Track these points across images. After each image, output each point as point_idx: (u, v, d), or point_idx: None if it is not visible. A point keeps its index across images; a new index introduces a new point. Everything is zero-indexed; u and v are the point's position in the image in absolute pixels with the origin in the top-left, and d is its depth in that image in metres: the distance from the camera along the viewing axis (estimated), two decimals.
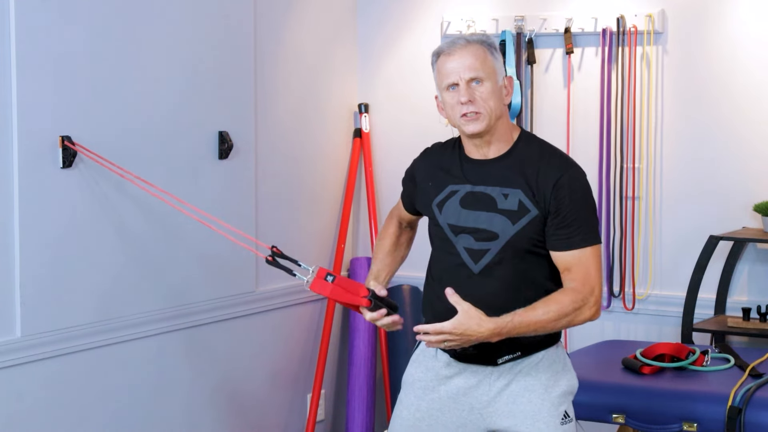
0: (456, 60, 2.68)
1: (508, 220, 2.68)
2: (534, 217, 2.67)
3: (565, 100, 4.31)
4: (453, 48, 2.69)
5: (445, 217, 2.76)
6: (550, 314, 2.61)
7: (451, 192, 2.76)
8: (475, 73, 2.67)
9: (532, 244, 2.69)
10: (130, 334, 3.72)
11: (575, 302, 2.63)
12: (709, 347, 3.69)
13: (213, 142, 4.00)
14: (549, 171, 2.68)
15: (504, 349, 2.70)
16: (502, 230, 2.68)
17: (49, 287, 3.45)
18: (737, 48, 4.04)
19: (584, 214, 2.68)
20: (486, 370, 2.73)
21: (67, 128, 3.46)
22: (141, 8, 3.69)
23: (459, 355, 2.75)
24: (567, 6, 4.30)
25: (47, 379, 3.48)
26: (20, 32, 3.32)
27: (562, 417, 2.72)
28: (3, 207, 3.33)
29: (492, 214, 2.69)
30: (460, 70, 2.67)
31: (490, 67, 2.68)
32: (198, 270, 3.96)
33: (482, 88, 2.67)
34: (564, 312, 2.62)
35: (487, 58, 2.68)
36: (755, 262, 4.07)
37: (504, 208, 2.69)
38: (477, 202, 2.72)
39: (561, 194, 2.66)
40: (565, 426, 2.72)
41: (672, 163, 4.18)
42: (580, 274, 2.65)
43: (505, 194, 2.69)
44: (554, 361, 2.76)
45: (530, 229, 2.67)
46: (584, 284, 2.65)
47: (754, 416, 3.15)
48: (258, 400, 4.29)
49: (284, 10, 4.33)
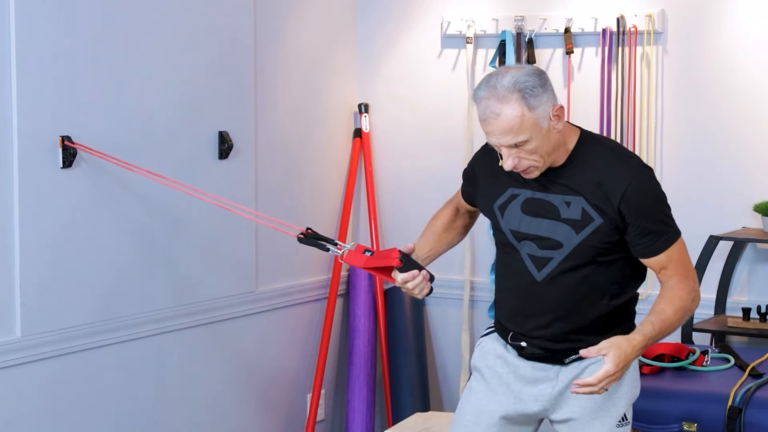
0: (492, 128, 2.56)
1: (571, 229, 2.63)
2: (599, 226, 2.62)
3: (565, 100, 4.31)
4: (486, 115, 2.55)
5: (507, 222, 2.71)
6: (678, 312, 2.62)
7: (512, 196, 2.71)
8: (513, 140, 2.55)
9: (597, 252, 2.65)
10: (129, 334, 3.72)
11: (690, 294, 2.65)
12: (709, 347, 3.68)
13: (213, 142, 4.00)
14: (615, 182, 2.61)
15: (571, 349, 2.69)
16: (565, 239, 2.64)
17: (49, 287, 3.45)
18: (737, 48, 4.04)
19: (660, 216, 2.65)
20: (555, 367, 2.72)
21: (67, 128, 3.46)
22: (141, 8, 3.69)
23: (527, 355, 2.73)
24: (567, 6, 4.30)
25: (47, 379, 3.48)
26: (20, 32, 3.32)
27: (620, 419, 2.71)
28: (3, 207, 3.33)
29: (555, 222, 2.65)
30: (498, 138, 2.56)
31: (529, 125, 2.53)
32: (199, 270, 3.96)
33: (527, 146, 2.56)
34: (686, 307, 2.64)
35: (525, 117, 2.52)
36: (755, 262, 4.07)
37: (567, 216, 2.64)
38: (539, 209, 2.67)
39: (632, 205, 2.61)
40: (621, 429, 2.71)
41: (672, 163, 4.18)
42: (678, 269, 2.66)
43: (567, 202, 2.64)
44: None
45: (595, 238, 2.63)
46: (686, 276, 2.66)
47: (754, 416, 3.15)
48: (258, 400, 4.29)
49: (284, 10, 4.33)
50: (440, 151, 4.57)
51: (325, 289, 4.56)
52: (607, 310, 2.70)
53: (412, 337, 4.58)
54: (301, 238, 2.83)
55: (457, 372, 4.61)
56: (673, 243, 2.66)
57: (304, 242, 2.83)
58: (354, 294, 4.58)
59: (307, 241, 2.82)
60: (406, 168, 4.66)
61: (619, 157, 2.67)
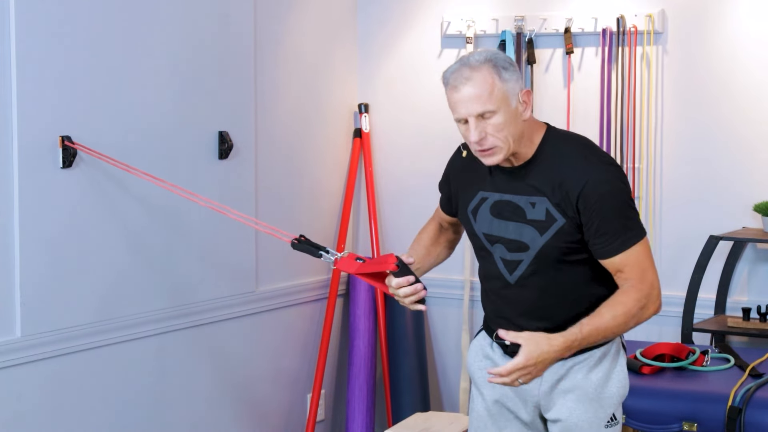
0: (463, 95, 2.53)
1: (536, 231, 2.61)
2: (561, 227, 2.58)
3: (565, 100, 4.31)
4: (457, 80, 2.54)
5: (479, 226, 2.70)
6: (617, 318, 2.55)
7: (482, 199, 2.70)
8: (482, 108, 2.52)
9: (562, 252, 2.61)
10: (130, 334, 3.72)
11: (639, 301, 2.56)
12: (709, 347, 3.69)
13: (213, 142, 4.00)
14: (572, 180, 2.56)
15: None
16: (531, 241, 2.61)
17: (49, 287, 3.45)
18: (737, 48, 4.04)
19: (618, 216, 2.57)
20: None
21: (67, 128, 3.46)
22: (140, 8, 3.69)
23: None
24: (567, 6, 4.30)
25: (47, 379, 3.48)
26: (20, 32, 3.32)
27: (609, 419, 2.68)
28: (3, 207, 3.33)
29: (521, 225, 2.63)
30: (467, 104, 2.52)
31: (499, 95, 2.52)
32: (198, 270, 3.96)
33: (494, 119, 2.53)
34: (631, 313, 2.56)
35: (495, 85, 2.52)
36: (755, 262, 4.07)
37: (532, 218, 2.61)
38: (506, 212, 2.65)
39: (589, 202, 2.55)
40: (610, 429, 2.68)
41: (672, 163, 4.18)
42: (634, 273, 2.57)
43: (532, 203, 2.61)
44: (608, 359, 2.70)
45: (559, 239, 2.59)
46: (642, 281, 2.57)
47: (754, 416, 3.16)
48: (258, 400, 4.30)
49: (284, 10, 4.33)
50: (440, 151, 4.53)
51: (325, 289, 4.56)
52: (583, 308, 2.63)
53: (412, 337, 4.58)
54: (294, 244, 2.82)
55: (457, 372, 4.61)
56: (631, 246, 2.57)
57: (298, 248, 2.83)
58: (354, 294, 4.58)
59: (300, 247, 2.82)
60: (406, 168, 4.66)
61: (583, 155, 2.61)
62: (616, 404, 2.70)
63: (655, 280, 2.59)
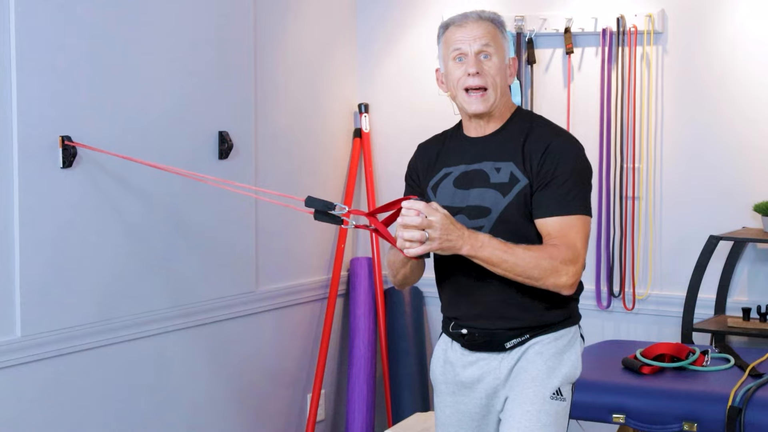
0: (467, 31, 2.67)
1: (499, 193, 2.64)
2: (524, 187, 2.62)
3: (565, 100, 4.32)
4: (465, 20, 2.68)
5: (440, 200, 2.70)
6: (531, 255, 2.53)
7: (445, 174, 2.73)
8: (485, 46, 2.66)
9: (522, 215, 2.62)
10: (130, 334, 3.72)
11: (554, 258, 2.54)
12: (709, 347, 3.69)
13: (213, 142, 4.00)
14: (539, 139, 2.64)
15: (511, 333, 2.68)
16: (493, 204, 2.64)
17: (49, 287, 3.45)
18: (737, 48, 4.05)
19: (569, 181, 2.60)
20: (497, 357, 2.71)
21: (67, 128, 3.46)
22: (140, 8, 3.70)
23: (470, 345, 2.73)
24: (567, 6, 4.30)
25: (47, 379, 3.48)
26: (20, 32, 3.33)
27: (554, 393, 2.67)
28: (3, 207, 3.33)
29: (484, 190, 2.66)
30: (470, 41, 2.66)
31: (499, 43, 2.68)
32: (199, 270, 3.97)
33: (490, 62, 2.66)
34: (541, 263, 2.53)
35: (497, 35, 2.68)
36: (755, 262, 4.07)
37: (496, 181, 2.64)
38: (470, 181, 2.68)
39: (549, 160, 2.60)
40: (555, 402, 2.66)
41: (672, 163, 4.19)
42: (563, 241, 2.57)
43: (497, 168, 2.66)
44: (563, 341, 2.71)
45: (520, 200, 2.61)
46: (568, 248, 2.56)
47: (754, 416, 3.16)
48: (258, 400, 4.30)
49: (284, 10, 4.33)
50: None
51: (325, 289, 4.56)
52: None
53: (412, 337, 4.58)
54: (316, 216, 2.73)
55: None
56: (568, 216, 2.58)
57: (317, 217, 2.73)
58: (354, 294, 4.58)
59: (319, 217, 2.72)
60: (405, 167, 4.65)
61: (547, 124, 2.72)
62: (563, 381, 2.69)
63: (581, 257, 2.58)
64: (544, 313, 2.69)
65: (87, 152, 3.51)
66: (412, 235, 2.47)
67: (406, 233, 2.48)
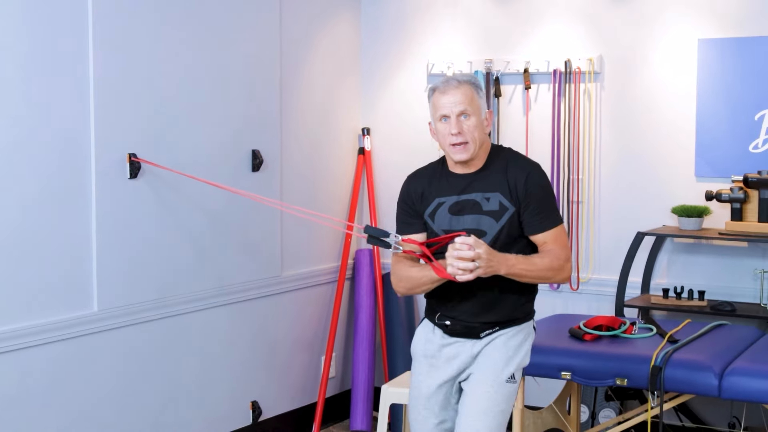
0: (449, 97, 2.62)
1: (492, 219, 2.63)
2: (512, 213, 2.63)
3: (524, 125, 4.31)
4: (447, 87, 2.63)
5: (438, 224, 2.68)
6: (545, 262, 2.59)
7: (439, 203, 2.69)
8: (463, 108, 2.61)
9: (512, 237, 2.65)
10: (183, 309, 3.71)
11: (559, 260, 2.62)
12: (637, 319, 3.67)
13: (247, 158, 4.00)
14: (519, 172, 2.64)
15: (486, 326, 2.70)
16: (488, 227, 2.63)
17: (119, 271, 3.45)
18: (656, 87, 4.05)
19: (549, 203, 2.65)
20: (471, 342, 2.73)
21: (133, 147, 3.46)
22: (192, 52, 3.68)
23: (451, 332, 2.73)
24: (526, 51, 4.30)
25: (118, 346, 3.46)
26: (97, 69, 3.31)
27: (509, 377, 2.70)
28: (83, 209, 3.34)
29: (479, 216, 2.64)
30: (452, 105, 2.62)
31: (476, 105, 2.63)
32: (236, 259, 3.94)
33: (469, 121, 2.62)
34: (553, 265, 2.60)
35: (474, 97, 2.63)
36: (673, 253, 4.08)
37: (488, 209, 2.63)
38: (464, 207, 2.66)
39: (531, 188, 2.62)
40: (509, 384, 2.69)
41: (608, 175, 4.18)
42: (556, 245, 2.63)
43: (487, 198, 2.64)
44: (522, 334, 2.73)
45: (510, 224, 2.64)
46: (562, 250, 2.64)
47: (671, 373, 3.16)
48: (283, 361, 4.28)
49: (303, 52, 4.29)
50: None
51: (335, 274, 4.53)
52: (517, 286, 2.66)
53: (404, 313, 4.56)
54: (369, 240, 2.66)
55: None
56: (556, 227, 2.65)
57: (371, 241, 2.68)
58: (358, 278, 4.56)
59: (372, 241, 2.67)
60: (400, 180, 4.49)
61: (520, 157, 2.70)
62: (517, 368, 2.71)
63: (569, 256, 2.66)
64: (513, 312, 2.70)
65: (148, 167, 3.50)
66: (466, 266, 2.49)
67: (461, 264, 2.49)
